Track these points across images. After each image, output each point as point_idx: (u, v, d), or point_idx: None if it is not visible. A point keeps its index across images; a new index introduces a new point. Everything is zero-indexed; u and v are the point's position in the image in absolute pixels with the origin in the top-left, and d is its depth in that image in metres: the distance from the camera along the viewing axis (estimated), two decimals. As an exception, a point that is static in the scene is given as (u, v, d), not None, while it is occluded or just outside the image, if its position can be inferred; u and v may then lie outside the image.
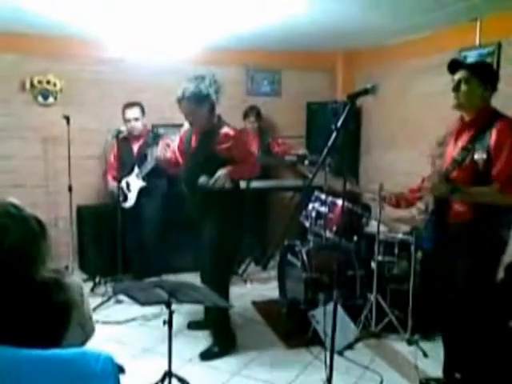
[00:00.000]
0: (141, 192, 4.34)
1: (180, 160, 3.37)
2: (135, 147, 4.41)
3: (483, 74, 2.49)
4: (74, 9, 3.52)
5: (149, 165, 4.25)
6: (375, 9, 3.49)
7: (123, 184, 4.35)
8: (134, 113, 4.33)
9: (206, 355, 3.19)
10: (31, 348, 0.79)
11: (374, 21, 3.86)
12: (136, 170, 4.33)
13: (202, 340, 3.38)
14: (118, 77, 4.88)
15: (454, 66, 2.55)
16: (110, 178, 4.51)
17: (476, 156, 2.38)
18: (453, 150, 2.54)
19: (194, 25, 4.04)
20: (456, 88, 2.48)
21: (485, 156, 2.36)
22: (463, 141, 2.49)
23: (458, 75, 2.49)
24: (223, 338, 3.29)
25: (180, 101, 2.99)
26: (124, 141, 4.33)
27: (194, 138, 3.20)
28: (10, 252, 0.83)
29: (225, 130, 3.07)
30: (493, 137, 2.34)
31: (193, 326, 3.58)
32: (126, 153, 4.36)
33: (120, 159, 4.22)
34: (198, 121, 3.06)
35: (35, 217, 0.93)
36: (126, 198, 4.38)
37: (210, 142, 3.07)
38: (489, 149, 2.35)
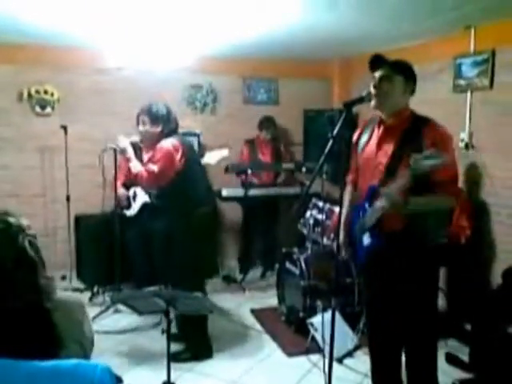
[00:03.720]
0: (144, 206, 4.24)
1: None
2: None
3: (406, 73, 2.33)
4: (72, 19, 3.54)
5: None
6: (370, 17, 3.52)
7: (131, 192, 4.35)
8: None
9: (174, 358, 3.08)
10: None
11: (369, 29, 3.89)
12: None
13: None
14: (115, 86, 4.90)
15: (375, 62, 2.38)
16: (118, 183, 4.35)
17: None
18: (376, 157, 2.36)
19: (191, 34, 4.07)
20: (377, 86, 2.32)
21: None
22: (389, 148, 2.31)
23: (380, 72, 2.32)
24: (197, 343, 3.28)
25: (139, 114, 3.20)
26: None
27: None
28: None
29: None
30: (427, 142, 2.18)
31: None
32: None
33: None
34: (149, 137, 3.21)
35: (21, 245, 0.84)
36: (129, 206, 4.36)
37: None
38: None
